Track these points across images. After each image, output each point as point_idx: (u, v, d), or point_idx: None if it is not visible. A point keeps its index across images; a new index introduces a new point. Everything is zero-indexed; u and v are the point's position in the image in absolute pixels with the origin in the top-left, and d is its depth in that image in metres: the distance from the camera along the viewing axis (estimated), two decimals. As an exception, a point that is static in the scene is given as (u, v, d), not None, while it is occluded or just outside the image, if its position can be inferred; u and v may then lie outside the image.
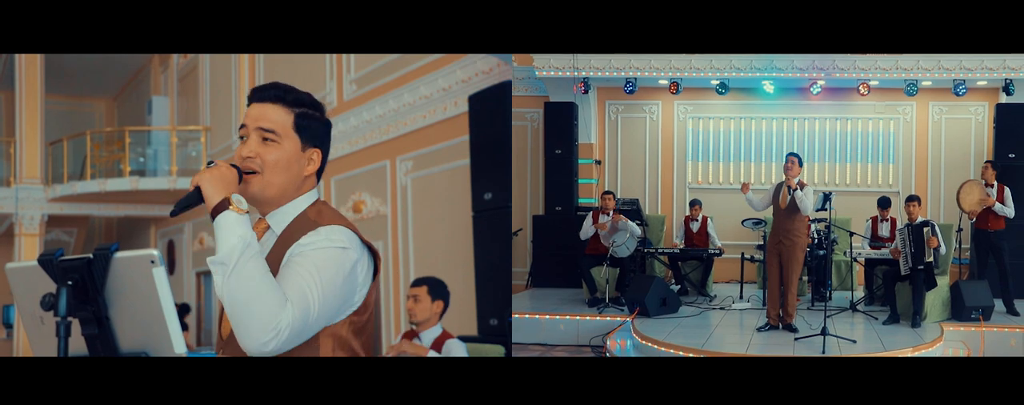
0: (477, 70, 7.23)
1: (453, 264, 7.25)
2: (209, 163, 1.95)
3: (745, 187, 6.60)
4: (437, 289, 4.44)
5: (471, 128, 6.87)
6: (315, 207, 2.06)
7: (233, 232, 1.83)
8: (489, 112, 6.65)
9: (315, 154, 2.08)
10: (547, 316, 7.24)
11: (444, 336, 4.38)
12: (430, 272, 5.30)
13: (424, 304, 4.36)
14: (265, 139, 2.01)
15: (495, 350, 4.82)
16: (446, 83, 7.60)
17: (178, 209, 1.89)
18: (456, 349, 4.32)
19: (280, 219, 2.05)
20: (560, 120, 9.24)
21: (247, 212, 1.90)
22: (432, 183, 7.94)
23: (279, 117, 2.03)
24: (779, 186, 6.56)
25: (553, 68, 8.76)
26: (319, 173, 2.11)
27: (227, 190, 1.90)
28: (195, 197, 1.89)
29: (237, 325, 1.80)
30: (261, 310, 1.78)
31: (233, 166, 1.97)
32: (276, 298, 1.81)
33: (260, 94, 2.06)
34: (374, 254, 2.06)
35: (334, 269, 1.91)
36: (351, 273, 1.95)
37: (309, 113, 2.08)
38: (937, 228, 6.92)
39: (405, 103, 8.17)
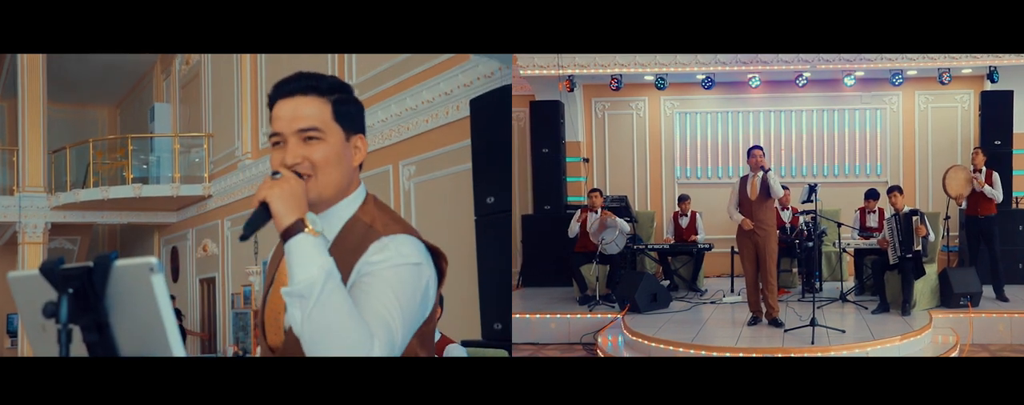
0: (479, 74, 7.21)
1: (456, 269, 7.15)
2: (273, 174, 1.74)
3: (746, 223, 6.53)
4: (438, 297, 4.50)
5: (473, 132, 6.86)
6: (366, 208, 1.87)
7: (312, 260, 1.64)
8: (490, 116, 6.65)
9: (359, 140, 1.89)
10: (538, 315, 7.22)
11: (444, 341, 4.44)
12: (434, 277, 5.37)
13: None
14: (308, 139, 1.80)
15: (498, 354, 4.87)
16: (448, 87, 7.58)
17: (248, 232, 1.71)
18: (457, 354, 4.38)
19: (331, 222, 1.85)
20: (546, 119, 9.23)
21: (322, 234, 1.70)
22: (435, 188, 7.91)
23: (315, 110, 1.81)
24: (743, 180, 6.61)
25: (538, 66, 8.74)
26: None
27: (300, 208, 1.69)
28: (263, 215, 1.71)
29: None
30: (346, 347, 1.63)
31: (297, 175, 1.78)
32: (362, 333, 1.64)
33: (287, 88, 1.83)
34: (438, 257, 1.88)
35: (412, 289, 1.76)
36: (426, 290, 1.81)
37: (344, 98, 1.86)
38: (925, 217, 6.92)
39: (407, 108, 8.14)
